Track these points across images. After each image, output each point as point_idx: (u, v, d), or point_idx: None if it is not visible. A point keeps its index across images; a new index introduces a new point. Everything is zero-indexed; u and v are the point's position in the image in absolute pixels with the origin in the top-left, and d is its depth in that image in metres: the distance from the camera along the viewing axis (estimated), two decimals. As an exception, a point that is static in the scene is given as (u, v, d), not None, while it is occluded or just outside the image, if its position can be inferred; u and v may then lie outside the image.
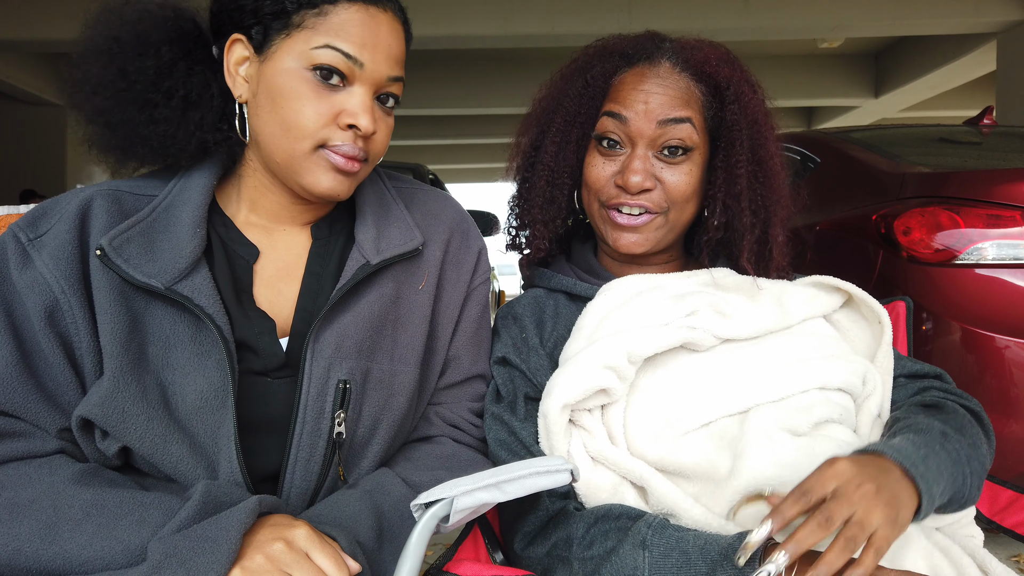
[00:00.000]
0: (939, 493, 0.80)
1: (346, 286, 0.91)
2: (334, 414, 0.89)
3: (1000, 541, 2.35)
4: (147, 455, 0.84)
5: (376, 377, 0.93)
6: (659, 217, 1.05)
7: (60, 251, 0.85)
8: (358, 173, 0.92)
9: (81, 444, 0.86)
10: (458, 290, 1.04)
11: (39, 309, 0.84)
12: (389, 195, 1.03)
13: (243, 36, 0.89)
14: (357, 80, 0.88)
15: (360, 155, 0.90)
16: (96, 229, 0.87)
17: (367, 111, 0.88)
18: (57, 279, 0.84)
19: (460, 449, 1.02)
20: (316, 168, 0.89)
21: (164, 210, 0.91)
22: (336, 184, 0.90)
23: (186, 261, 0.86)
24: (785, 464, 0.86)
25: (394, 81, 0.91)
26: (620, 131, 1.04)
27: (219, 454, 0.85)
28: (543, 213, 1.12)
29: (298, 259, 0.97)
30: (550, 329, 1.08)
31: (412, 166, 5.37)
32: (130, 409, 0.83)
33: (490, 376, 1.09)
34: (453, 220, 1.06)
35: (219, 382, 0.85)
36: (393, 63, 0.90)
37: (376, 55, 0.88)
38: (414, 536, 0.74)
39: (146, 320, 0.86)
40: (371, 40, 0.87)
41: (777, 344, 0.99)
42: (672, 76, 1.04)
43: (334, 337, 0.90)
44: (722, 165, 1.05)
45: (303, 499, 0.90)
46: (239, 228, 0.96)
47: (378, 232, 0.97)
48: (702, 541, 0.79)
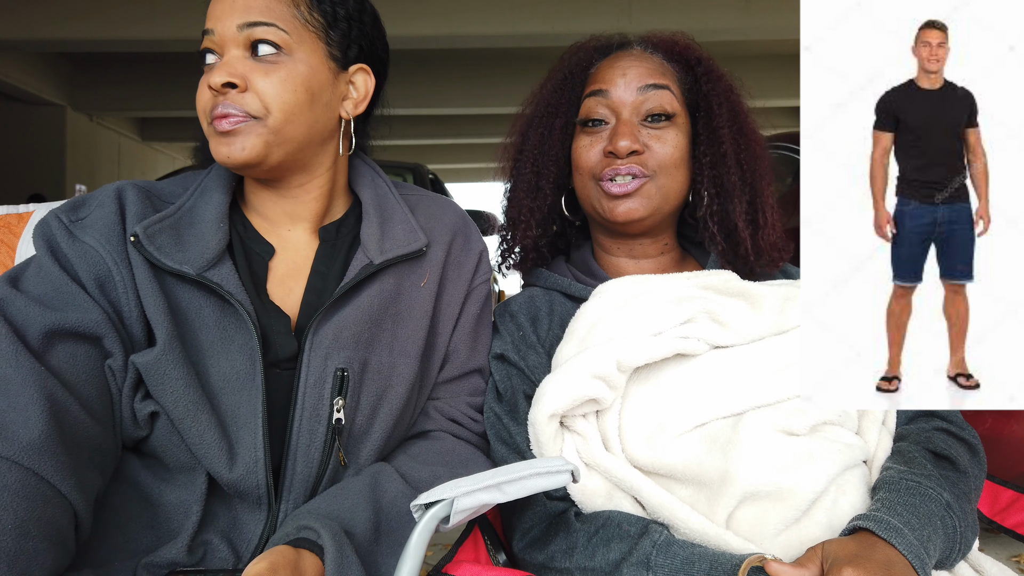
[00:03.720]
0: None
1: (348, 284, 0.95)
2: (332, 401, 0.92)
3: (1000, 541, 2.35)
4: (178, 420, 0.88)
5: (374, 367, 0.96)
6: (649, 183, 1.05)
7: (107, 228, 0.90)
8: (242, 131, 0.90)
9: (124, 403, 0.88)
10: (459, 289, 1.07)
11: (90, 276, 0.88)
12: (394, 199, 1.06)
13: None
14: (221, 49, 0.92)
15: (231, 111, 0.89)
16: (131, 214, 0.93)
17: (221, 68, 0.90)
18: (108, 252, 0.89)
19: (458, 444, 1.04)
20: (212, 143, 0.92)
21: (189, 209, 0.97)
22: (225, 149, 0.91)
23: (213, 252, 0.91)
24: (780, 468, 0.86)
25: (251, 27, 0.90)
26: (603, 105, 1.07)
27: (239, 433, 0.89)
28: (530, 200, 1.13)
29: (306, 260, 1.01)
30: (546, 327, 1.08)
31: (412, 166, 5.38)
32: (172, 372, 0.87)
33: (488, 372, 1.10)
34: (456, 223, 1.10)
35: (241, 365, 0.90)
36: (238, 12, 0.90)
37: (220, 15, 0.91)
38: (414, 537, 0.74)
39: (175, 303, 0.91)
40: (220, 7, 0.92)
41: (772, 347, 0.98)
42: (645, 55, 1.11)
43: (332, 329, 0.94)
44: (704, 130, 1.09)
45: (305, 487, 0.92)
46: (256, 228, 1.01)
47: (382, 233, 1.00)
48: (707, 564, 0.80)
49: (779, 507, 0.85)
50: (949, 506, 0.85)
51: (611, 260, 1.15)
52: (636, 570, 0.81)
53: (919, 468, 0.89)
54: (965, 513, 0.87)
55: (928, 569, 0.78)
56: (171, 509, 0.89)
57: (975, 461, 0.94)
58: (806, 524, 0.85)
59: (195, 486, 0.90)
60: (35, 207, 1.19)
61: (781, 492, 0.85)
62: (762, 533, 0.85)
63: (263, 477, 0.88)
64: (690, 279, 1.04)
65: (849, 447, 0.90)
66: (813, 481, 0.85)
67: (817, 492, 0.85)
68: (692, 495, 0.89)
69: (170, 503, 0.90)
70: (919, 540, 0.79)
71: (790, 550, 0.84)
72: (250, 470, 0.88)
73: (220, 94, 0.90)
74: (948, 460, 0.92)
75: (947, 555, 0.85)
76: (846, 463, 0.88)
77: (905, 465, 0.90)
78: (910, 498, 0.84)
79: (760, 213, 1.09)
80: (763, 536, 0.85)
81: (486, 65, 10.18)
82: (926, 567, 0.78)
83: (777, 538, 0.85)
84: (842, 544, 0.78)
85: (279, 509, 0.92)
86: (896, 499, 0.83)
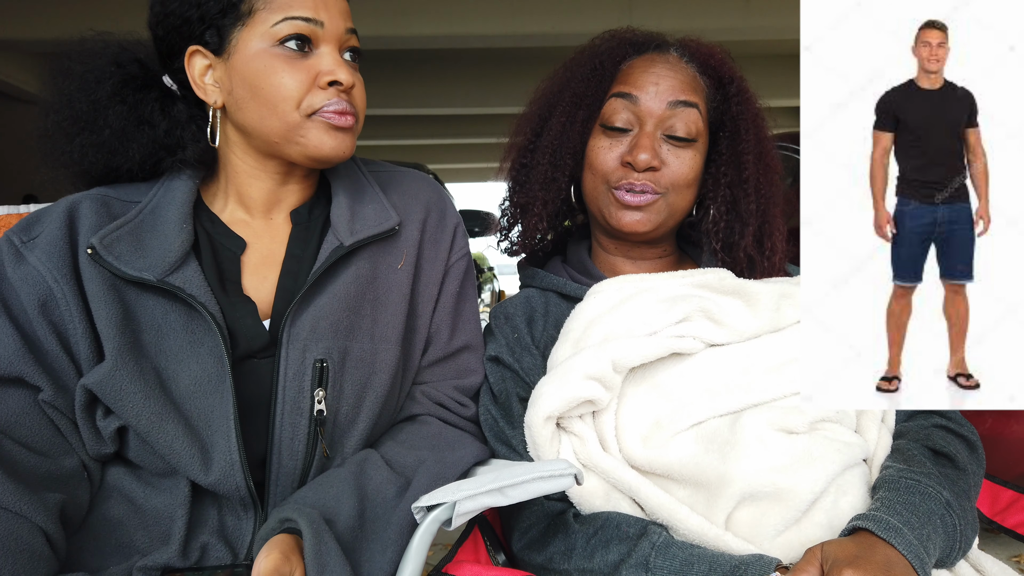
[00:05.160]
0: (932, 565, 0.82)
1: (320, 269, 0.94)
2: (313, 393, 0.92)
3: (1000, 541, 2.35)
4: (143, 432, 0.87)
5: (356, 356, 0.95)
6: (660, 200, 1.05)
7: (51, 247, 0.90)
8: (354, 127, 0.96)
9: (81, 424, 0.90)
10: (436, 268, 1.06)
11: (33, 300, 0.88)
12: (364, 179, 1.06)
13: (199, 46, 0.93)
14: (322, 41, 0.92)
15: (350, 108, 0.94)
16: (85, 227, 0.92)
17: (341, 65, 0.93)
18: (50, 270, 0.88)
19: (445, 428, 1.03)
20: (314, 133, 0.92)
21: (150, 212, 0.96)
22: (338, 143, 0.94)
23: (176, 255, 0.91)
24: (779, 468, 0.85)
25: (351, 33, 0.96)
26: (629, 111, 1.06)
27: (213, 436, 0.88)
28: (544, 192, 1.12)
29: (281, 246, 1.01)
30: (541, 328, 1.08)
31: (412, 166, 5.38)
32: (127, 387, 0.87)
33: (475, 347, 1.09)
34: (429, 199, 1.08)
35: (212, 368, 0.89)
36: (346, 15, 0.95)
37: (330, 12, 0.93)
38: (416, 539, 0.74)
39: (138, 311, 0.91)
40: (321, 1, 0.92)
41: (768, 345, 0.98)
42: (680, 65, 1.08)
43: (309, 319, 0.93)
44: (728, 152, 1.08)
45: (292, 480, 0.92)
46: (225, 223, 1.00)
47: (352, 214, 0.99)
48: (706, 565, 0.79)
49: (778, 508, 0.85)
50: (949, 504, 0.85)
51: (609, 259, 1.15)
52: (635, 571, 0.81)
53: (918, 466, 0.89)
54: (965, 511, 0.87)
55: (928, 568, 0.78)
56: (159, 514, 0.90)
57: (974, 458, 0.94)
58: (806, 525, 0.85)
59: (178, 490, 0.90)
60: (35, 207, 1.19)
61: (780, 493, 0.84)
62: (761, 534, 0.84)
63: (241, 479, 0.88)
64: (685, 278, 1.05)
65: (848, 446, 0.90)
66: (812, 481, 0.85)
67: (816, 492, 0.85)
68: (690, 496, 0.89)
69: (156, 508, 0.90)
70: (919, 539, 0.79)
71: (790, 551, 0.84)
72: (226, 473, 0.87)
73: (344, 91, 0.93)
74: (947, 457, 0.92)
75: (947, 553, 0.85)
76: (846, 462, 0.88)
77: (904, 463, 0.90)
78: (909, 497, 0.84)
79: (768, 239, 1.09)
80: (762, 537, 0.84)
81: (486, 65, 10.17)
82: (926, 566, 0.78)
83: (777, 539, 0.84)
84: (841, 545, 0.78)
85: (267, 504, 0.92)
86: (895, 498, 0.83)
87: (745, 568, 0.78)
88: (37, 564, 0.79)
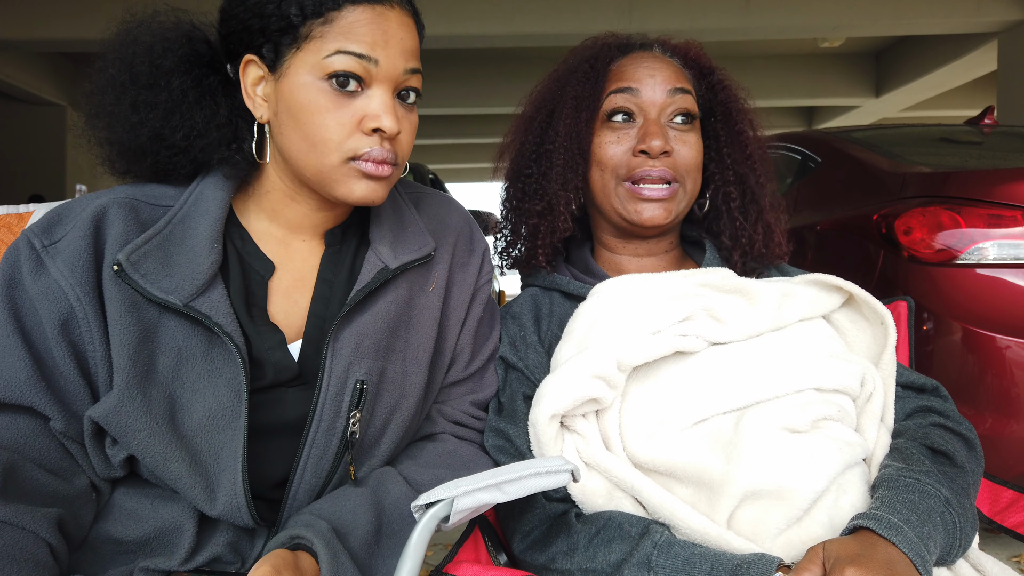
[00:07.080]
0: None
1: (366, 289, 0.91)
2: (349, 414, 0.90)
3: (1000, 541, 2.35)
4: (151, 465, 0.85)
5: (390, 377, 0.94)
6: (679, 189, 1.08)
7: (75, 259, 0.84)
8: (390, 176, 0.90)
9: (90, 451, 0.86)
10: (465, 292, 1.05)
11: (53, 317, 0.83)
12: (402, 200, 1.04)
13: (255, 56, 0.88)
14: (375, 81, 0.86)
15: (390, 158, 0.88)
16: (112, 238, 0.87)
17: (389, 111, 0.86)
18: (73, 287, 0.83)
19: (461, 445, 1.02)
20: (348, 179, 0.87)
21: (180, 221, 0.91)
22: (370, 192, 0.88)
23: (203, 277, 0.86)
24: (781, 467, 0.85)
25: (412, 73, 0.89)
26: (631, 103, 1.08)
27: (221, 472, 0.85)
28: (565, 191, 1.10)
29: (312, 269, 0.97)
30: (546, 327, 1.08)
31: (412, 166, 5.38)
32: (132, 424, 0.83)
33: (492, 362, 1.08)
34: (458, 224, 1.07)
35: (228, 401, 0.85)
36: (408, 55, 0.88)
37: (389, 50, 0.85)
38: (414, 537, 0.74)
39: (159, 332, 0.86)
40: (382, 36, 0.85)
41: (771, 343, 0.98)
42: (665, 59, 1.13)
43: (353, 337, 0.90)
44: (725, 133, 1.13)
45: (310, 496, 0.91)
46: (256, 241, 0.96)
47: (394, 237, 0.97)
48: (708, 564, 0.79)
49: (780, 507, 0.85)
50: (948, 502, 0.85)
51: (612, 258, 1.15)
52: (637, 571, 0.81)
53: (917, 464, 0.89)
54: (964, 508, 0.87)
55: (929, 566, 0.78)
56: (167, 525, 0.88)
57: (972, 456, 0.95)
58: (808, 524, 0.85)
59: (188, 506, 0.88)
60: (35, 207, 1.19)
61: (782, 492, 0.84)
62: (763, 533, 0.84)
63: (246, 513, 0.85)
64: (687, 277, 1.04)
65: (849, 445, 0.90)
66: (814, 480, 0.85)
67: (818, 491, 0.85)
68: (692, 495, 0.89)
69: (164, 519, 0.88)
70: (919, 537, 0.79)
71: (792, 550, 0.84)
72: (231, 508, 0.85)
73: (386, 139, 0.87)
74: (945, 456, 0.93)
75: (947, 551, 0.85)
76: (847, 461, 0.88)
77: (903, 462, 0.90)
78: (909, 495, 0.84)
79: (771, 212, 1.14)
80: (764, 536, 0.84)
81: (486, 65, 10.17)
82: (927, 564, 0.78)
83: (778, 538, 0.84)
84: (843, 544, 0.78)
85: (280, 520, 0.91)
86: (895, 497, 0.83)
87: (747, 567, 0.78)
88: (41, 574, 0.77)
